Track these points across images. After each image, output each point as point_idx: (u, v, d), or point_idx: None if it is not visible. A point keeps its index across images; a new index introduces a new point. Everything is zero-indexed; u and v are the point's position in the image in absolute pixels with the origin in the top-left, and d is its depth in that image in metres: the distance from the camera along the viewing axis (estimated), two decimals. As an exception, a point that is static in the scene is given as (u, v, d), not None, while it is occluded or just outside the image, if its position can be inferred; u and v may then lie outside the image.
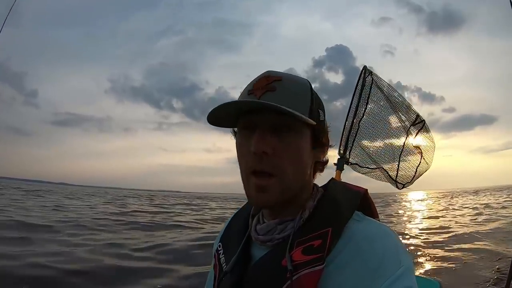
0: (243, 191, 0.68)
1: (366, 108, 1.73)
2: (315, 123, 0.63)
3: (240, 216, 0.83)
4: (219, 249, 0.80)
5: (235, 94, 0.70)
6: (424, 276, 1.43)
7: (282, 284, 0.61)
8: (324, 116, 0.70)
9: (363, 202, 0.72)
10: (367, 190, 0.75)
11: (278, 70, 0.68)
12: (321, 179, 0.83)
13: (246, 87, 0.67)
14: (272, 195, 0.64)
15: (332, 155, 1.74)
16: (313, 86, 0.70)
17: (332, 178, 0.81)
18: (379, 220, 0.74)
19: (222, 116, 0.65)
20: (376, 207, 0.79)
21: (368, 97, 1.78)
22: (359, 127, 1.72)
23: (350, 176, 1.68)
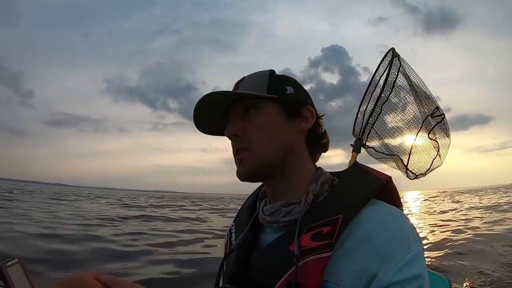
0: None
1: (391, 92, 1.66)
2: (273, 96, 0.71)
3: (251, 198, 0.86)
4: (232, 228, 0.83)
5: None
6: (435, 272, 1.43)
7: (288, 268, 0.60)
8: (298, 89, 0.76)
9: (385, 190, 0.70)
10: (390, 177, 0.72)
11: (267, 69, 0.77)
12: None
13: None
14: (248, 165, 0.70)
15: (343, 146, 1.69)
16: (309, 86, 0.74)
17: (356, 162, 0.85)
18: (402, 210, 0.72)
19: (209, 125, 0.78)
20: None
21: (394, 82, 1.70)
22: (381, 110, 1.65)
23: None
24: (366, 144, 1.65)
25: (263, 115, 0.71)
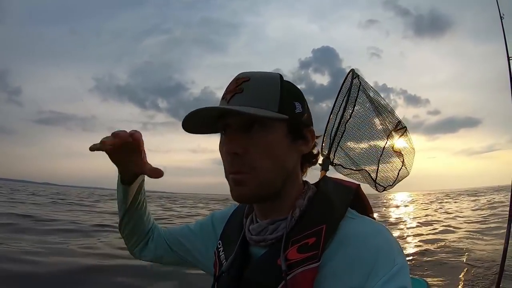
0: (228, 192, 0.69)
1: (353, 111, 1.75)
2: (285, 116, 0.64)
3: (238, 214, 0.84)
4: (219, 246, 0.80)
5: (221, 95, 0.71)
6: (411, 276, 1.47)
7: (278, 283, 0.61)
8: (305, 107, 0.70)
9: (356, 197, 0.72)
10: (359, 185, 0.75)
11: (258, 70, 0.70)
12: (313, 178, 0.83)
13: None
14: (249, 189, 0.65)
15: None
16: (299, 87, 0.72)
17: (325, 175, 0.82)
18: (373, 216, 0.76)
19: (196, 125, 0.68)
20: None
21: (356, 100, 1.80)
22: (345, 128, 1.73)
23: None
24: (334, 161, 1.72)
25: (270, 136, 0.64)
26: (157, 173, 0.76)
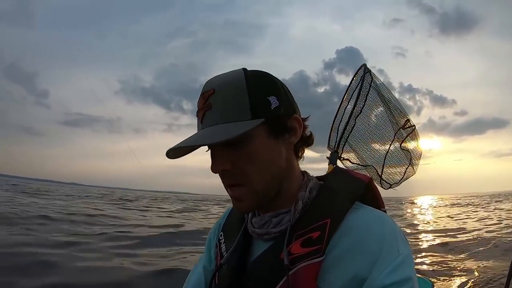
0: None
1: (364, 106, 1.73)
2: (260, 120, 0.61)
3: None
4: (220, 238, 0.79)
5: None
6: (417, 275, 1.46)
7: (280, 278, 0.60)
8: (281, 98, 0.66)
9: (367, 191, 0.71)
10: (371, 178, 0.73)
11: (221, 73, 0.67)
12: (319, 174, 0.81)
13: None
14: (248, 202, 0.65)
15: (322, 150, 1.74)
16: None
17: (337, 166, 0.81)
18: (385, 211, 0.73)
19: (180, 153, 0.67)
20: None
21: (367, 96, 1.78)
22: (355, 123, 1.72)
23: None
24: (342, 156, 1.71)
25: (251, 145, 0.63)
26: None
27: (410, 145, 1.84)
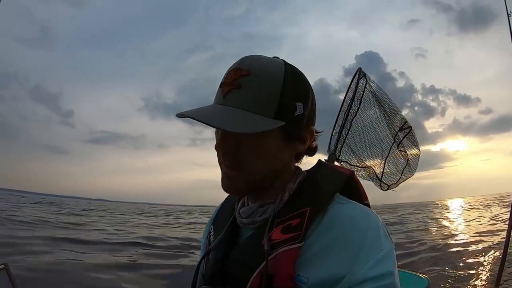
0: None
1: (359, 108, 1.77)
2: (281, 123, 0.62)
3: (229, 200, 0.85)
4: (211, 231, 0.81)
5: None
6: (414, 273, 1.48)
7: (261, 262, 0.62)
8: (307, 107, 0.67)
9: (350, 185, 0.73)
10: (353, 172, 0.75)
11: (262, 55, 0.66)
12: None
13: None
14: (237, 184, 0.66)
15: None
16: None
17: (320, 160, 0.80)
18: (368, 204, 0.75)
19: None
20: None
21: (361, 99, 1.81)
22: (351, 126, 1.75)
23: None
24: (340, 158, 1.73)
25: (263, 139, 0.63)
26: None
27: (408, 146, 1.86)
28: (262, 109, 0.61)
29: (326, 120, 1.87)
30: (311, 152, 0.76)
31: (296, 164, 0.76)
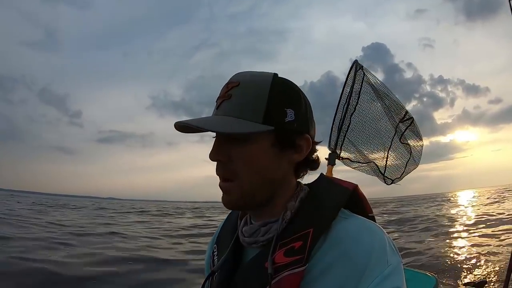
0: None
1: (357, 103, 1.72)
2: (269, 128, 0.62)
3: (231, 218, 0.83)
4: (214, 251, 0.80)
5: None
6: (421, 271, 1.46)
7: (264, 286, 0.60)
8: (299, 114, 0.66)
9: (353, 198, 0.70)
10: (357, 185, 0.72)
11: (254, 71, 0.68)
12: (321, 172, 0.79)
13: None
14: (233, 197, 0.65)
15: (323, 151, 1.72)
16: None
17: (321, 174, 0.78)
18: (373, 217, 0.73)
19: (188, 130, 0.67)
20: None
21: (360, 92, 1.76)
22: (350, 122, 1.70)
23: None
24: (341, 155, 1.69)
25: (252, 146, 0.63)
26: None
27: (410, 138, 1.81)
28: (250, 114, 0.62)
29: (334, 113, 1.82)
30: (313, 165, 0.73)
31: (298, 180, 0.74)
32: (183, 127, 0.67)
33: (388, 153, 1.79)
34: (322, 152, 1.66)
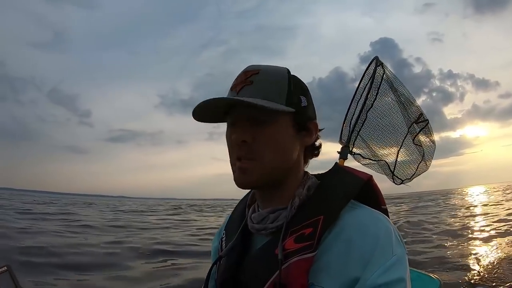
0: None
1: (375, 99, 1.70)
2: (292, 109, 0.68)
3: (239, 206, 0.86)
4: (223, 237, 0.82)
5: None
6: (425, 273, 1.46)
7: (274, 272, 0.62)
8: (309, 102, 0.74)
9: (367, 189, 0.72)
10: (371, 176, 0.74)
11: (267, 64, 0.72)
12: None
13: (232, 83, 0.72)
14: (253, 176, 0.67)
15: (332, 147, 1.71)
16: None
17: (336, 163, 0.82)
18: (386, 209, 0.74)
19: (206, 114, 0.71)
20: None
21: (378, 89, 1.74)
22: (366, 117, 1.68)
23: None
24: (353, 150, 1.68)
25: (276, 127, 0.68)
26: None
27: (423, 139, 1.80)
28: (275, 97, 0.67)
29: (343, 109, 1.81)
30: (316, 151, 0.78)
31: (305, 170, 0.77)
32: (203, 114, 0.71)
33: (399, 152, 1.78)
34: (333, 148, 1.66)
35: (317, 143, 0.77)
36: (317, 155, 0.79)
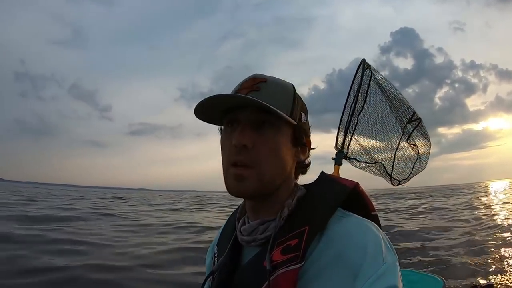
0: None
1: (365, 102, 1.70)
2: (294, 122, 0.68)
3: (230, 220, 0.85)
4: (215, 252, 0.82)
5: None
6: (429, 274, 1.44)
7: (262, 283, 0.61)
8: (307, 119, 0.74)
9: (354, 196, 0.72)
10: (357, 183, 0.74)
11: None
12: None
13: (234, 88, 0.71)
14: (249, 185, 0.66)
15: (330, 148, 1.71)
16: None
17: (322, 172, 0.80)
18: (376, 215, 0.74)
19: (209, 112, 0.70)
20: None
21: (367, 91, 1.75)
22: (357, 121, 1.69)
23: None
24: (348, 155, 1.68)
25: (278, 136, 0.67)
26: None
27: (418, 139, 1.80)
28: (280, 106, 0.66)
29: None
30: (305, 168, 0.78)
31: (295, 181, 0.77)
32: (206, 114, 0.70)
33: (395, 154, 1.78)
34: (330, 150, 1.66)
35: (306, 161, 0.77)
36: (304, 172, 0.78)
